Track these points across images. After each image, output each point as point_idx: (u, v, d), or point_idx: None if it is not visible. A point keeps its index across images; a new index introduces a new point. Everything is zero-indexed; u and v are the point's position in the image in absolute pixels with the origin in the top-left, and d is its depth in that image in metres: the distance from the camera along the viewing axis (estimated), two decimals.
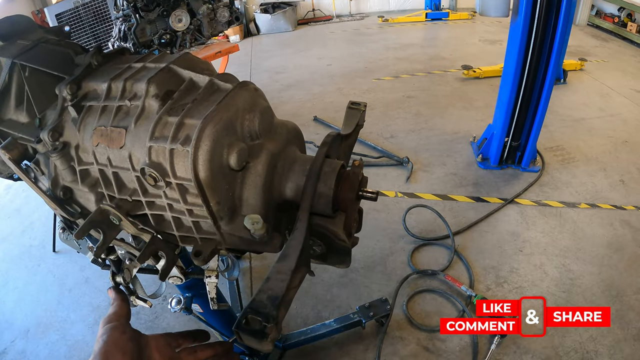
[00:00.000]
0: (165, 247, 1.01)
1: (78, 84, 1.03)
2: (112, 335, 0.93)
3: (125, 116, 0.95)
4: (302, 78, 8.05)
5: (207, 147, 0.83)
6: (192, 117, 0.87)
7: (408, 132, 5.75)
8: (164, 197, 0.93)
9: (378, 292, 3.46)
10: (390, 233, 4.03)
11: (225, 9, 5.60)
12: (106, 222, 0.98)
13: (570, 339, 3.02)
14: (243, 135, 0.92)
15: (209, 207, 0.88)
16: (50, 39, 1.30)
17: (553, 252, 3.72)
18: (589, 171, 4.72)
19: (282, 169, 0.98)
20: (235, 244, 0.96)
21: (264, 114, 0.97)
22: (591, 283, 3.42)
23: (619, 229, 3.91)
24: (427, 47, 9.39)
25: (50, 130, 1.01)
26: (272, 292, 0.77)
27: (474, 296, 3.25)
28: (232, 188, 0.91)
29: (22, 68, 1.16)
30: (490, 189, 4.56)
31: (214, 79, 0.97)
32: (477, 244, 3.87)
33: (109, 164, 0.96)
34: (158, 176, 0.87)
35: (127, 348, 0.92)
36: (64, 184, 1.07)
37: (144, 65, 1.03)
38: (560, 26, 3.77)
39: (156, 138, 0.87)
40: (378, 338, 3.10)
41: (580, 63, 7.26)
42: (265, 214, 0.94)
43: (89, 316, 3.66)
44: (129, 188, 0.99)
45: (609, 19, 9.38)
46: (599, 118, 5.80)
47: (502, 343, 2.98)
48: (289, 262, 0.82)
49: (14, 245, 4.69)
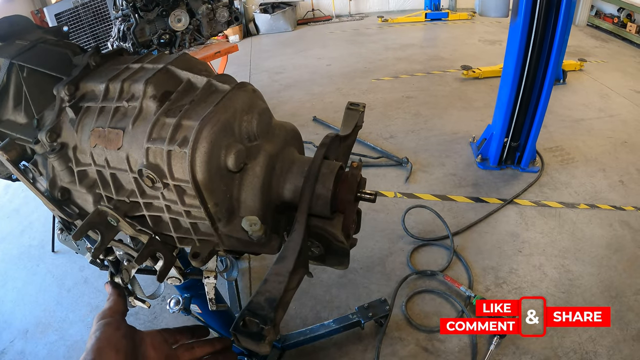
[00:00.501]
0: (163, 249, 1.01)
1: (76, 84, 1.03)
2: (105, 332, 0.92)
3: (122, 117, 0.95)
4: (301, 78, 8.05)
5: (205, 149, 0.83)
6: (190, 118, 0.87)
7: (407, 133, 5.75)
8: (161, 198, 0.93)
9: (377, 292, 3.46)
10: (390, 233, 4.02)
11: (224, 9, 5.60)
12: (104, 224, 0.98)
13: (570, 339, 3.01)
14: (241, 137, 0.92)
15: (207, 209, 0.88)
16: (48, 39, 1.30)
17: (552, 252, 3.72)
18: (589, 172, 4.72)
19: (280, 171, 0.97)
20: (233, 246, 0.96)
21: (262, 115, 0.96)
22: (590, 284, 3.42)
23: (618, 230, 3.91)
24: (427, 47, 9.39)
25: (48, 131, 1.01)
26: (269, 294, 0.77)
27: (473, 297, 3.25)
28: (229, 189, 0.90)
29: (20, 68, 1.15)
30: (490, 189, 4.56)
31: (211, 80, 0.96)
32: (476, 245, 3.86)
33: (106, 165, 0.95)
34: (156, 177, 0.87)
35: (121, 345, 0.91)
36: (62, 185, 1.07)
37: (141, 66, 1.03)
38: (560, 26, 3.77)
39: (154, 139, 0.87)
40: (377, 338, 3.10)
41: (580, 63, 7.26)
42: (263, 216, 0.93)
43: (88, 316, 3.65)
44: (126, 189, 0.98)
45: (608, 19, 9.39)
46: (598, 119, 5.80)
47: (501, 344, 2.98)
48: (286, 264, 0.82)
49: (13, 245, 4.68)
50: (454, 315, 3.27)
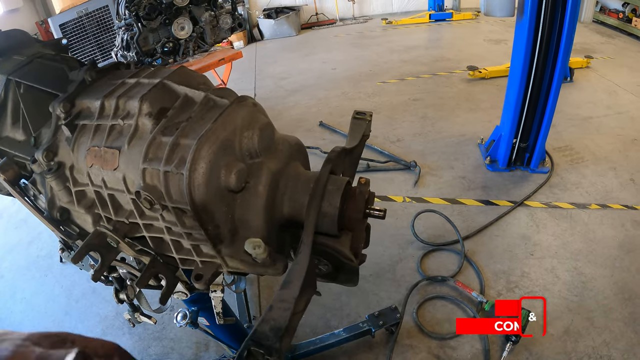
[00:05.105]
0: (165, 270, 0.98)
1: (71, 101, 1.00)
2: None
3: (118, 136, 0.92)
4: (306, 83, 8.03)
5: (203, 170, 0.79)
6: (187, 136, 0.83)
7: (415, 136, 5.71)
8: (161, 220, 0.89)
9: (387, 299, 3.42)
10: (399, 239, 3.97)
11: (227, 15, 5.60)
12: (104, 245, 0.95)
13: (583, 343, 2.97)
14: (242, 154, 0.88)
15: (207, 231, 0.84)
16: (45, 53, 1.28)
17: (564, 255, 3.66)
18: (599, 171, 4.66)
19: (284, 188, 0.94)
20: (237, 267, 0.92)
21: (264, 130, 0.92)
22: (603, 286, 3.36)
23: (630, 230, 3.85)
24: (432, 48, 9.35)
25: (44, 150, 0.98)
26: (274, 322, 0.73)
27: (485, 302, 3.19)
28: (231, 210, 0.87)
29: (17, 85, 1.13)
30: (499, 191, 4.51)
31: (209, 95, 0.93)
32: (487, 249, 3.81)
33: (104, 186, 0.92)
34: (153, 199, 0.83)
35: None
36: (61, 205, 1.04)
37: (137, 81, 1.00)
38: (567, 24, 3.72)
39: (150, 160, 0.83)
40: (388, 347, 3.06)
41: (587, 60, 7.19)
42: (267, 236, 0.90)
43: (97, 327, 3.64)
44: (125, 210, 0.95)
45: (613, 14, 9.30)
46: (606, 116, 5.73)
47: (515, 350, 2.93)
48: (292, 290, 0.78)
49: (22, 256, 4.68)
50: None
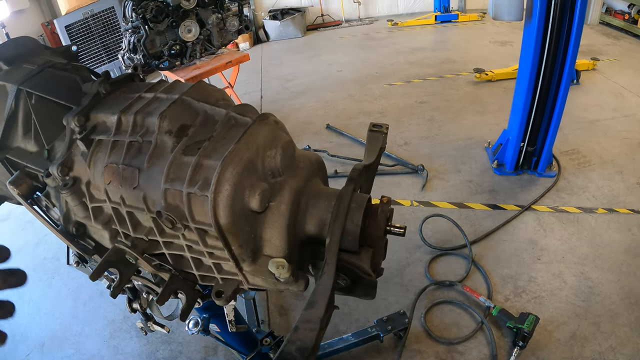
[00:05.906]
0: (185, 286, 0.97)
1: (86, 115, 0.99)
2: None
3: (137, 153, 0.91)
4: (313, 85, 8.01)
5: (228, 192, 0.78)
6: (210, 157, 0.83)
7: (422, 139, 5.69)
8: (182, 238, 0.89)
9: (395, 304, 3.41)
10: (407, 243, 3.96)
11: (234, 17, 5.60)
12: (122, 262, 0.94)
13: (590, 349, 2.96)
14: (264, 174, 0.88)
15: (231, 251, 0.84)
16: (56, 63, 1.26)
17: (571, 259, 3.64)
18: (606, 175, 4.63)
19: (305, 205, 0.93)
20: (258, 284, 0.92)
21: (286, 149, 0.92)
22: (610, 291, 3.35)
23: (637, 234, 3.82)
24: (438, 50, 9.31)
25: (59, 165, 0.97)
26: (301, 342, 0.73)
27: (493, 307, 3.19)
28: (254, 230, 0.86)
29: (28, 95, 1.12)
30: (507, 195, 4.49)
31: (230, 113, 0.92)
32: (494, 253, 3.80)
33: (122, 203, 0.91)
34: (175, 219, 0.83)
35: None
36: (77, 220, 1.03)
37: (155, 95, 0.99)
38: (575, 27, 3.69)
39: (172, 180, 0.83)
40: (396, 352, 3.06)
41: (593, 62, 7.14)
42: (289, 255, 0.89)
43: (104, 330, 3.64)
44: (144, 227, 0.94)
45: (619, 16, 9.24)
46: (613, 119, 5.70)
47: (522, 354, 2.93)
48: (317, 310, 0.77)
49: (28, 258, 4.69)
50: (474, 326, 3.20)
